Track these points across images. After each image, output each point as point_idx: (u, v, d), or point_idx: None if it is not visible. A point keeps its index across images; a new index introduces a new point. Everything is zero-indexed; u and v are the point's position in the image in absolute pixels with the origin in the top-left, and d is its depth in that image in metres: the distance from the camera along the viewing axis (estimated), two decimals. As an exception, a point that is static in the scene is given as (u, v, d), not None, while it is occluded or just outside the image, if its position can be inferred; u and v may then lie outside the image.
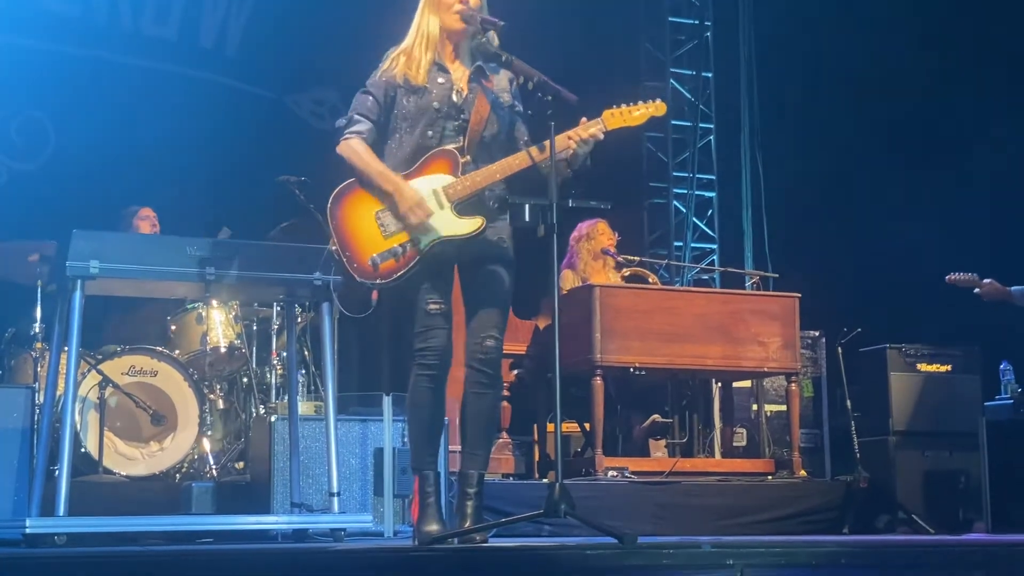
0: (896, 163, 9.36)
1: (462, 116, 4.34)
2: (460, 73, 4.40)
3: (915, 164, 9.23)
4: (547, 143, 4.22)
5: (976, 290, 6.80)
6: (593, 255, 7.58)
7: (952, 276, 7.04)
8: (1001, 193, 8.46)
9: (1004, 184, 6.88)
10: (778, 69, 10.00)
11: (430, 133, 4.33)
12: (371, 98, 4.38)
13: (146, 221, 7.23)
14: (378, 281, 4.26)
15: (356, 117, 4.36)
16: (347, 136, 4.35)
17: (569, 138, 4.31)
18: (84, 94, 8.31)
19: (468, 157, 4.32)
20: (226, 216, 6.95)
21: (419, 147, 4.33)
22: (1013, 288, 6.63)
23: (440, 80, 4.35)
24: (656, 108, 4.48)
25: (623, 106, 4.44)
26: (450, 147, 4.32)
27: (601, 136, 4.36)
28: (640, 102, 4.46)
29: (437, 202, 4.28)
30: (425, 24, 4.38)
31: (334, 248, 4.32)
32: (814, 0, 9.60)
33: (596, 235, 7.57)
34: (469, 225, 4.29)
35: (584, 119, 4.36)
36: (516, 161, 4.31)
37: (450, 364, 4.34)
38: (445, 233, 4.27)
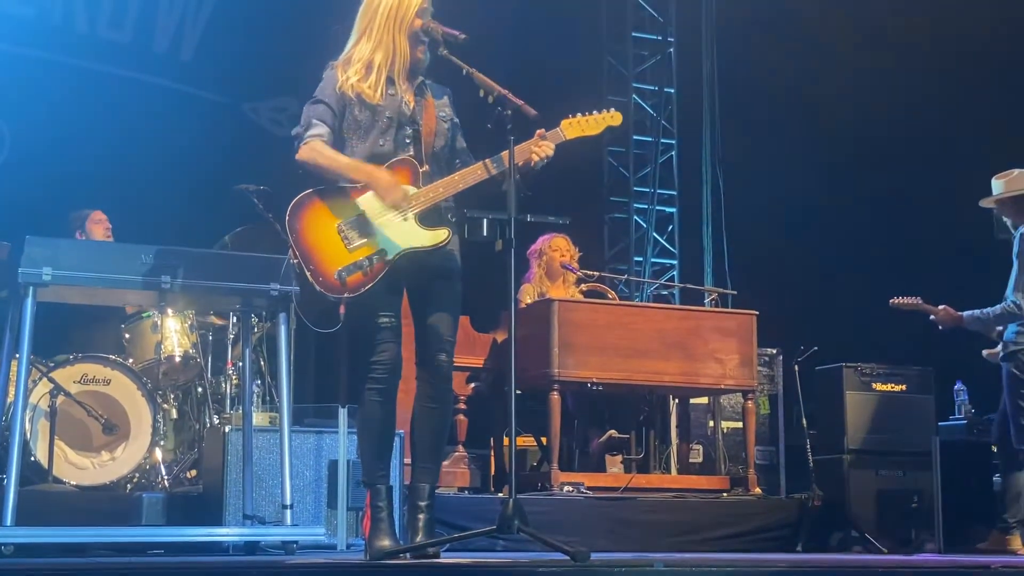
0: (857, 182, 9.41)
1: (415, 126, 4.33)
2: (405, 87, 4.38)
3: (877, 184, 9.29)
4: (504, 155, 4.20)
5: (932, 317, 6.83)
6: (547, 270, 7.56)
7: (895, 300, 7.07)
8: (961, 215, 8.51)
9: (964, 205, 6.94)
10: (740, 86, 10.06)
11: (381, 142, 4.32)
12: (323, 106, 4.33)
13: (99, 225, 7.13)
14: (346, 295, 4.21)
15: (313, 122, 4.32)
16: (307, 140, 4.30)
17: (533, 151, 4.28)
18: (40, 97, 8.22)
19: (427, 167, 4.31)
20: (181, 224, 6.88)
21: (372, 155, 4.31)
22: (965, 313, 6.66)
23: (391, 92, 4.34)
24: (612, 118, 4.50)
25: (580, 116, 4.45)
26: (407, 156, 4.30)
27: (551, 151, 4.34)
28: (596, 112, 4.47)
29: (400, 213, 4.26)
30: (396, 44, 4.33)
31: (295, 262, 4.26)
32: (777, 19, 9.66)
33: (549, 251, 7.56)
34: (435, 236, 4.26)
35: (541, 131, 4.34)
36: (475, 173, 4.30)
37: (399, 377, 4.31)
38: (412, 244, 4.24)
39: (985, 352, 6.98)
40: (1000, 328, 6.56)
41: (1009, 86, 8.89)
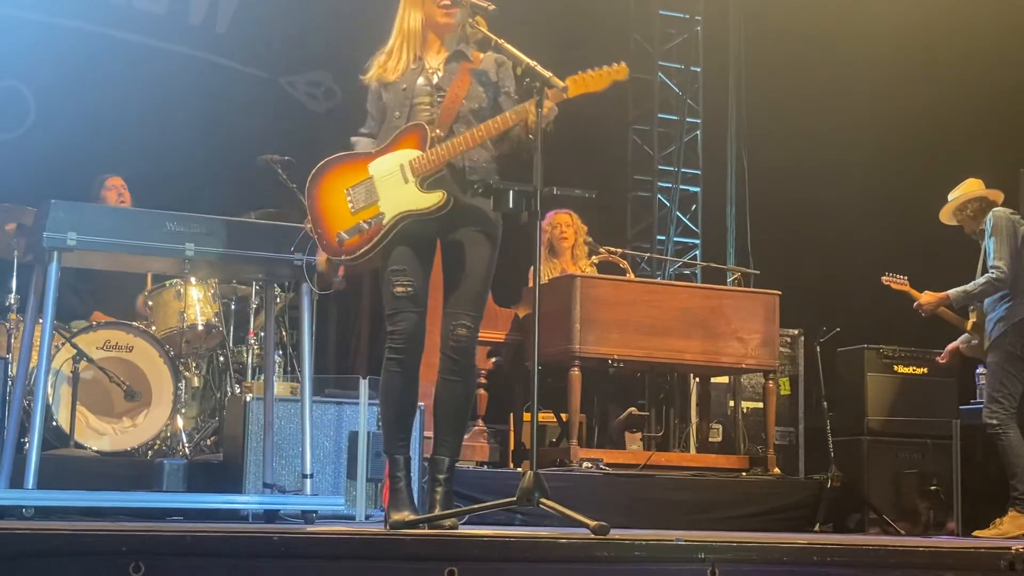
0: (883, 164, 9.36)
1: (440, 93, 4.32)
2: (437, 58, 4.37)
3: (903, 166, 9.24)
4: (512, 110, 4.18)
5: (915, 304, 6.88)
6: (550, 248, 7.49)
7: (887, 277, 7.11)
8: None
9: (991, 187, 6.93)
10: (767, 66, 10.00)
11: (397, 114, 4.33)
12: (368, 116, 4.45)
13: (112, 191, 7.13)
14: (343, 257, 4.24)
15: (354, 139, 4.45)
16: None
17: (528, 110, 4.18)
18: (67, 66, 8.23)
19: (439, 131, 4.27)
20: (213, 195, 6.87)
21: (389, 129, 4.33)
22: (950, 291, 6.70)
23: (413, 66, 4.34)
24: (618, 72, 4.32)
25: (587, 71, 4.29)
26: (416, 123, 4.29)
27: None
28: (602, 67, 4.32)
29: (403, 176, 4.25)
30: (407, 21, 4.35)
31: (309, 226, 4.32)
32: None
33: (549, 228, 7.43)
34: (431, 199, 4.24)
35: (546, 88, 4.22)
36: (479, 131, 4.22)
37: (422, 348, 4.29)
38: (405, 208, 4.22)
39: (962, 345, 7.00)
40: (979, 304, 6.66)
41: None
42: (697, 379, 7.54)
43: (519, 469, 6.77)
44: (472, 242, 4.31)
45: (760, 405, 7.44)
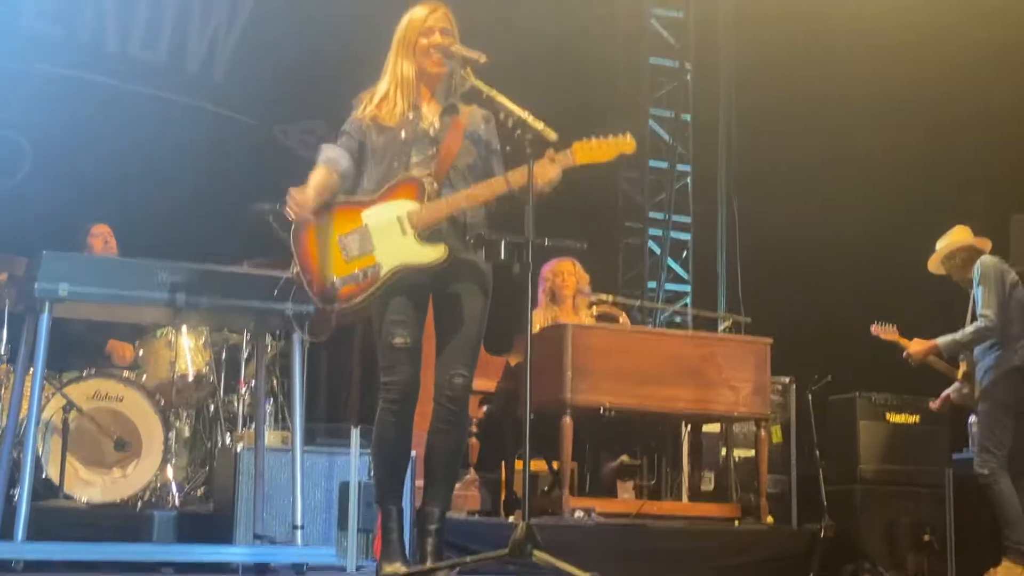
0: (875, 210, 9.39)
1: (436, 146, 4.34)
2: (433, 110, 4.40)
3: (895, 212, 9.27)
4: (513, 172, 4.20)
5: (904, 354, 6.92)
6: (552, 296, 7.53)
7: (876, 328, 7.14)
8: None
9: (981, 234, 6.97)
10: (757, 114, 10.05)
11: (395, 164, 4.34)
12: (345, 135, 4.43)
13: (98, 238, 7.13)
14: (337, 306, 4.24)
15: (324, 146, 4.44)
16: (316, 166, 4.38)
17: (538, 176, 4.23)
18: (63, 115, 8.24)
19: (436, 185, 4.29)
20: (207, 244, 6.87)
21: (385, 177, 4.34)
22: (939, 340, 6.73)
23: (410, 115, 4.35)
24: (625, 144, 4.37)
25: (592, 139, 4.36)
26: (417, 173, 4.30)
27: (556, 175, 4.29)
28: (610, 136, 4.38)
29: (401, 228, 4.26)
30: (399, 69, 4.39)
31: (296, 271, 4.32)
32: (795, 46, 9.67)
33: (552, 276, 7.51)
34: (432, 253, 4.25)
35: (551, 151, 4.30)
36: (481, 191, 4.27)
37: (416, 398, 4.30)
38: (404, 260, 4.24)
39: (952, 394, 7.02)
40: (970, 353, 6.67)
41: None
42: (689, 427, 7.52)
43: (511, 519, 6.75)
44: (466, 294, 4.33)
45: (752, 453, 7.41)
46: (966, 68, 8.99)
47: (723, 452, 7.69)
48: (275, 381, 6.93)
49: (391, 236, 4.26)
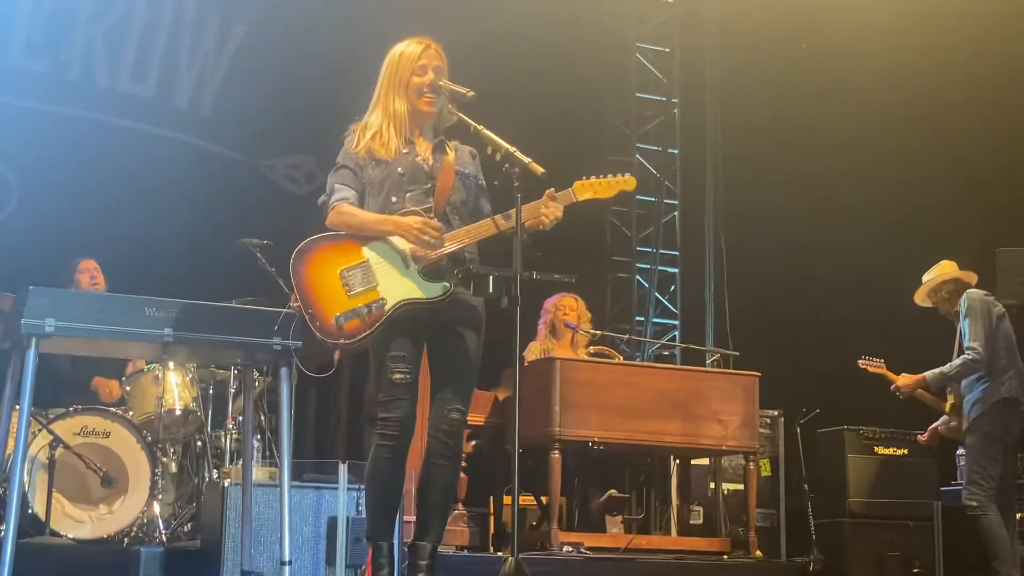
0: (862, 245, 9.43)
1: (432, 181, 4.35)
2: (425, 146, 4.42)
3: (881, 247, 9.30)
4: (513, 212, 4.22)
5: (892, 387, 6.94)
6: (551, 328, 7.58)
7: (863, 361, 7.17)
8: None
9: (966, 267, 6.99)
10: (744, 147, 10.10)
11: (394, 199, 4.34)
12: (345, 170, 4.42)
13: (85, 274, 7.12)
14: (342, 341, 4.22)
15: (336, 187, 4.40)
16: (332, 205, 4.36)
17: (542, 214, 4.30)
18: (51, 149, 8.24)
19: (435, 220, 4.31)
20: (193, 278, 6.86)
21: (381, 210, 4.35)
22: (927, 373, 6.75)
23: (405, 150, 4.37)
24: (626, 182, 4.53)
25: (593, 178, 4.46)
26: (418, 209, 4.31)
27: (560, 213, 4.37)
28: (611, 175, 4.49)
29: (404, 263, 4.27)
30: (392, 105, 4.40)
31: (296, 305, 4.29)
32: (781, 80, 9.72)
33: (554, 309, 7.58)
34: (436, 289, 4.26)
35: (551, 191, 4.36)
36: (483, 228, 4.31)
37: (412, 435, 4.30)
38: (411, 296, 4.24)
39: (941, 427, 7.03)
40: (956, 386, 6.69)
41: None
42: (677, 461, 7.52)
43: (500, 554, 6.73)
44: (463, 331, 4.34)
45: (741, 487, 7.41)
46: (952, 108, 9.06)
47: (712, 486, 7.69)
48: (262, 417, 6.91)
49: (394, 271, 4.26)
